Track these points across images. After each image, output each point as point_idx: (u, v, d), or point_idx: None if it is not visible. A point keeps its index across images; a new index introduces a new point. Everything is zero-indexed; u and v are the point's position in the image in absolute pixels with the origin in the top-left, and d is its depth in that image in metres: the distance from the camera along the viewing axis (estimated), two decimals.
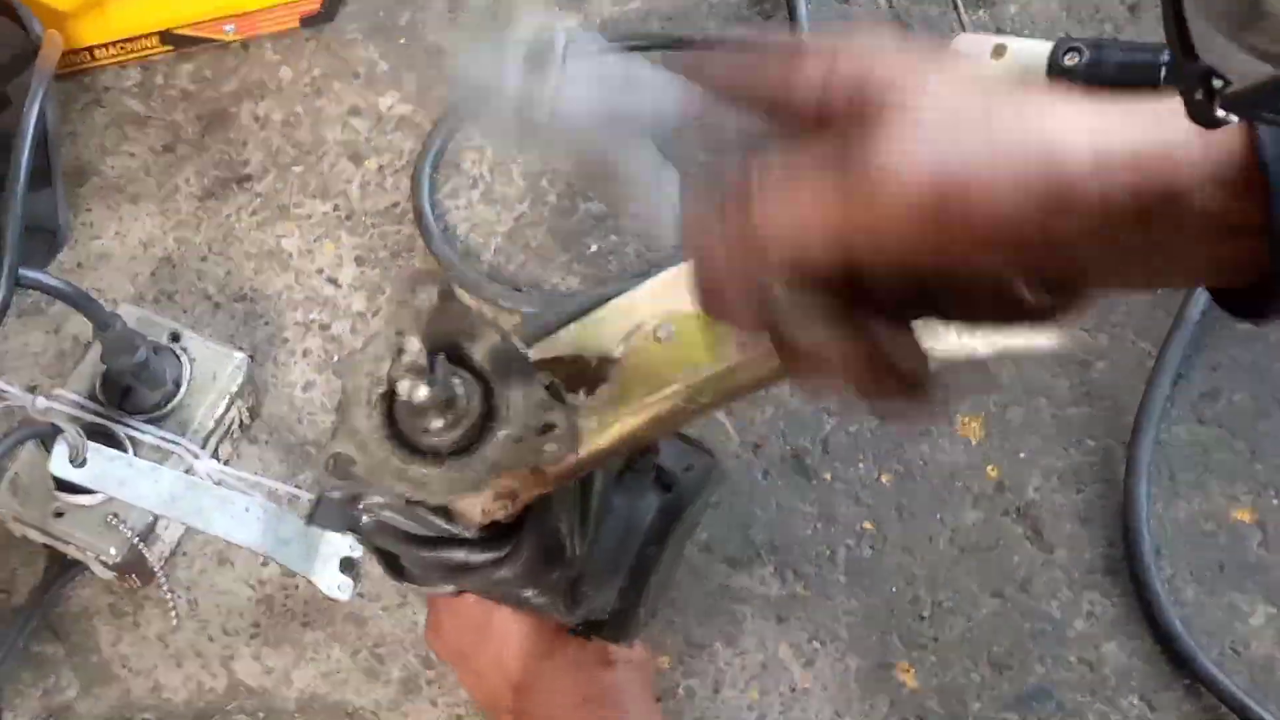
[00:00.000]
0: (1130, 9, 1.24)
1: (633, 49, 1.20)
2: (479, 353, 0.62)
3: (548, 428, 0.60)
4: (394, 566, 0.75)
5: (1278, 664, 1.04)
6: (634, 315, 0.66)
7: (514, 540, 0.68)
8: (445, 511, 0.65)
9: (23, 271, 0.96)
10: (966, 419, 1.11)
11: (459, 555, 0.69)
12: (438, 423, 0.60)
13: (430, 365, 0.59)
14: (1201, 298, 1.11)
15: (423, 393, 0.58)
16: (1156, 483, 1.08)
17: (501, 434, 0.60)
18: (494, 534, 0.67)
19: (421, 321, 0.61)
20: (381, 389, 0.62)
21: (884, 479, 1.10)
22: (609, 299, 0.67)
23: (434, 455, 0.61)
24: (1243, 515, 1.08)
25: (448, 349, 0.61)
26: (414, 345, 0.58)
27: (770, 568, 1.07)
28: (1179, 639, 1.03)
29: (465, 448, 0.61)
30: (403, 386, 0.58)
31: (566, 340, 0.67)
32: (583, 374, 0.66)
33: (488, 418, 0.61)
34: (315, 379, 1.12)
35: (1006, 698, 1.04)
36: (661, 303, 0.66)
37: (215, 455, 1.05)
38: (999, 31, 1.23)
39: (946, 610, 1.06)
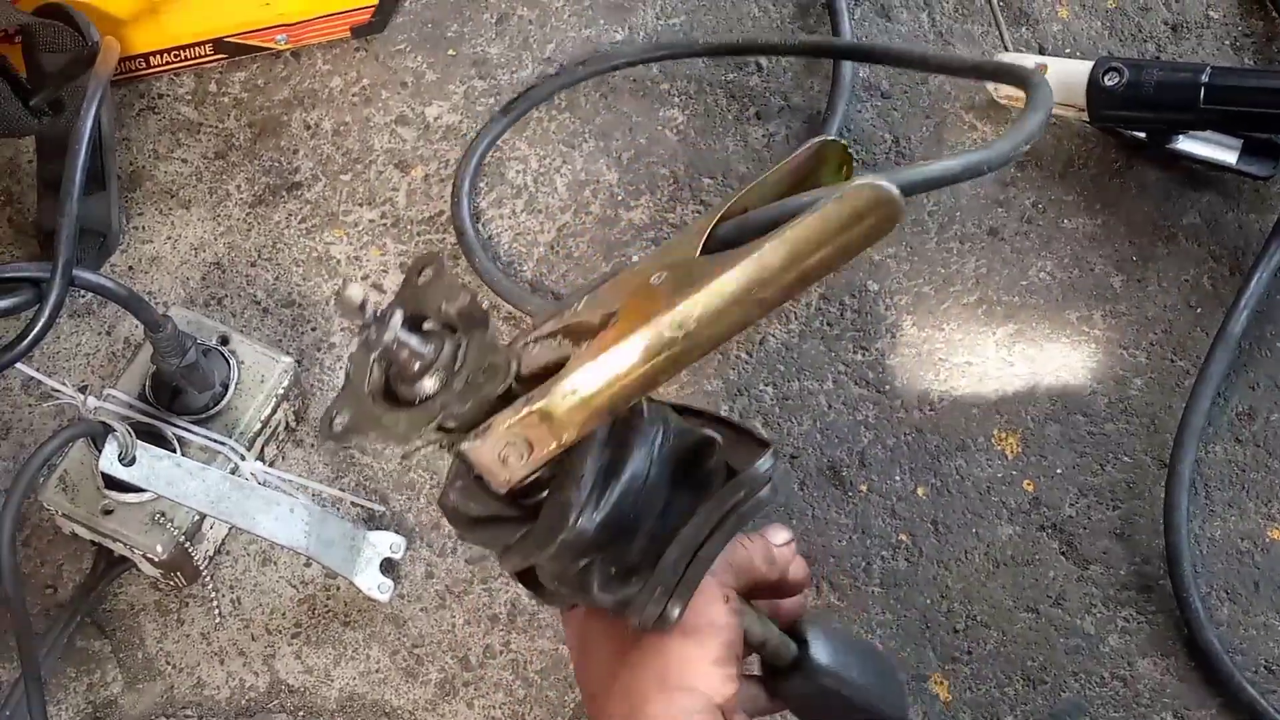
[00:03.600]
0: (1173, 29, 1.24)
1: (671, 56, 1.21)
2: (453, 310, 0.66)
3: (491, 367, 0.64)
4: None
5: None
6: (639, 275, 0.68)
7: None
8: (472, 475, 0.68)
9: (76, 272, 0.98)
10: (1003, 434, 1.12)
11: (504, 532, 0.70)
12: (417, 376, 0.65)
13: (418, 326, 0.65)
14: (1243, 315, 1.11)
15: (388, 336, 0.63)
16: (1193, 501, 1.08)
17: (456, 379, 0.64)
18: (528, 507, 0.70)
19: (419, 296, 0.66)
20: (377, 354, 0.66)
21: (920, 492, 1.10)
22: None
23: (409, 404, 0.66)
24: (1278, 534, 1.09)
25: (433, 314, 0.66)
26: (397, 316, 0.64)
27: None
28: (1217, 657, 1.04)
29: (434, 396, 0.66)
30: (371, 334, 0.64)
31: (581, 308, 0.70)
32: (592, 333, 0.67)
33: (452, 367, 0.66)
34: None
35: (1039, 712, 1.04)
36: (662, 259, 0.69)
37: (261, 457, 1.07)
38: (1041, 50, 1.23)
39: (980, 624, 1.07)
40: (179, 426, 1.02)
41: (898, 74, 1.22)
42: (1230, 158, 1.14)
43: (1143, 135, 1.17)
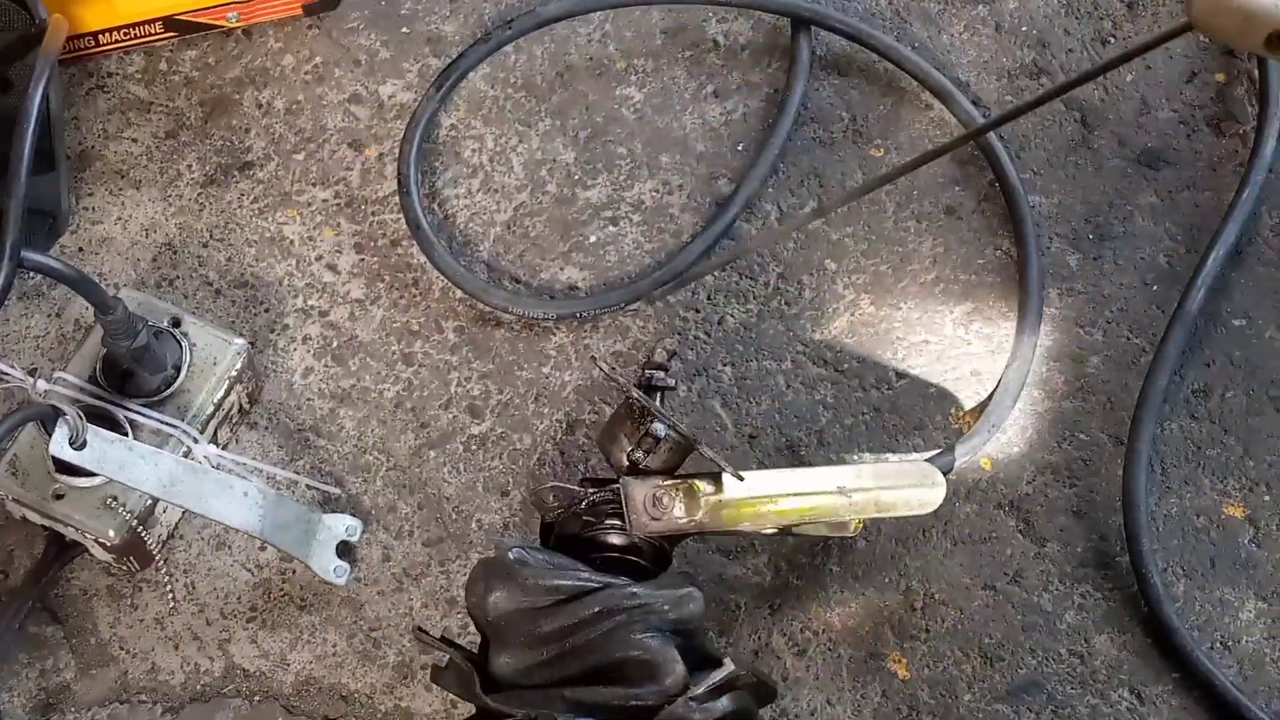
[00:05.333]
0: (1129, 6, 1.24)
1: None
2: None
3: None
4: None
5: (1267, 659, 1.05)
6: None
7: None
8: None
9: (25, 254, 0.96)
10: (961, 412, 1.12)
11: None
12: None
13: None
14: (1200, 293, 1.12)
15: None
16: (1149, 478, 1.09)
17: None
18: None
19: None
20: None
21: None
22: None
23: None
24: (1234, 511, 1.09)
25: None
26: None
27: (764, 558, 1.08)
28: (1174, 633, 1.04)
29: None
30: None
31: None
32: None
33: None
34: (314, 365, 1.13)
35: (997, 689, 1.05)
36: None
37: (214, 440, 1.06)
38: (998, 29, 1.23)
39: (938, 602, 1.07)
40: (130, 409, 1.01)
41: (855, 51, 1.22)
42: None
43: None
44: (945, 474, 1.00)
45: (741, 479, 0.94)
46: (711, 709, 0.87)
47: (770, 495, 0.96)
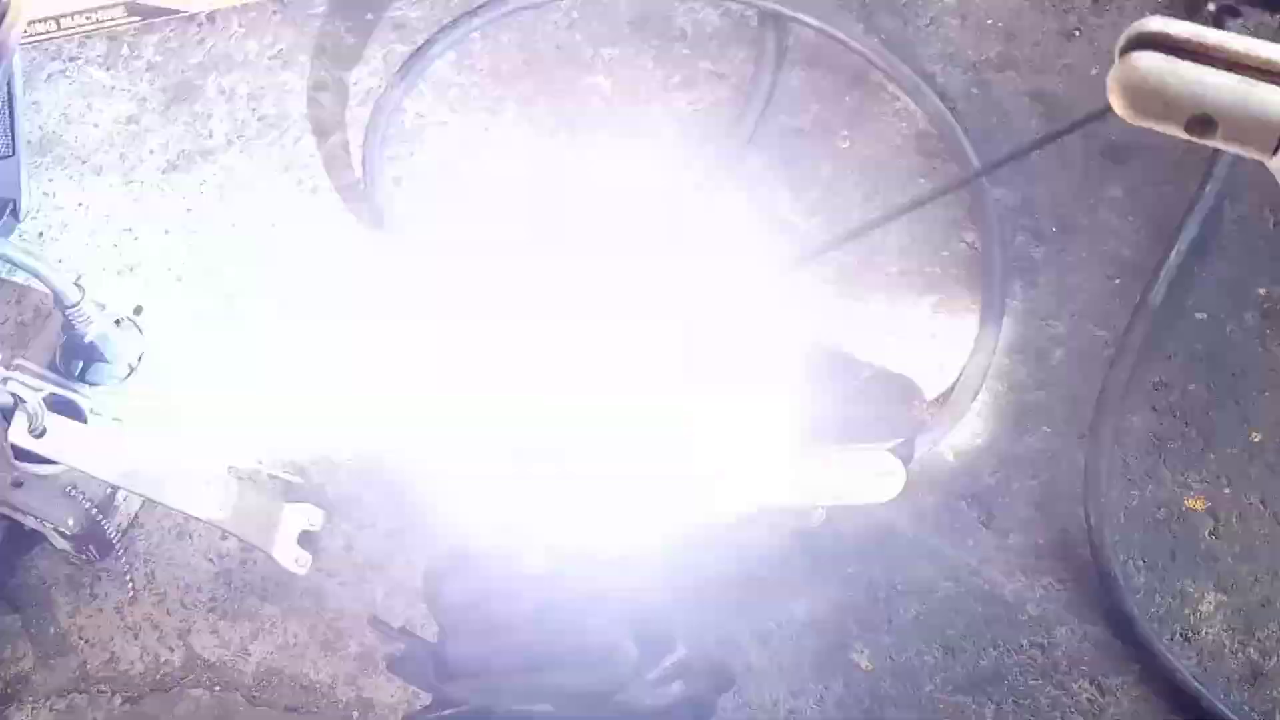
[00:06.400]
0: (1094, 1, 1.24)
1: None
2: None
3: None
4: None
5: (1226, 650, 1.06)
6: None
7: None
8: None
9: None
10: (924, 403, 1.12)
11: None
12: None
13: None
14: (1162, 287, 1.12)
15: None
16: (1111, 470, 1.09)
17: None
18: None
19: None
20: None
21: None
22: None
23: None
24: (1195, 504, 1.10)
25: None
26: None
27: (732, 549, 1.07)
28: (1135, 624, 1.05)
29: None
30: None
31: None
32: None
33: None
34: None
35: (959, 680, 1.05)
36: None
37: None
38: (964, 20, 1.23)
39: (901, 593, 1.07)
40: (90, 397, 1.00)
41: (823, 42, 1.22)
42: None
43: None
44: (905, 464, 1.00)
45: None
46: (665, 694, 0.87)
47: None
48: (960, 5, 1.24)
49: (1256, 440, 1.10)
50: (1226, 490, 1.10)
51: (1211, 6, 1.13)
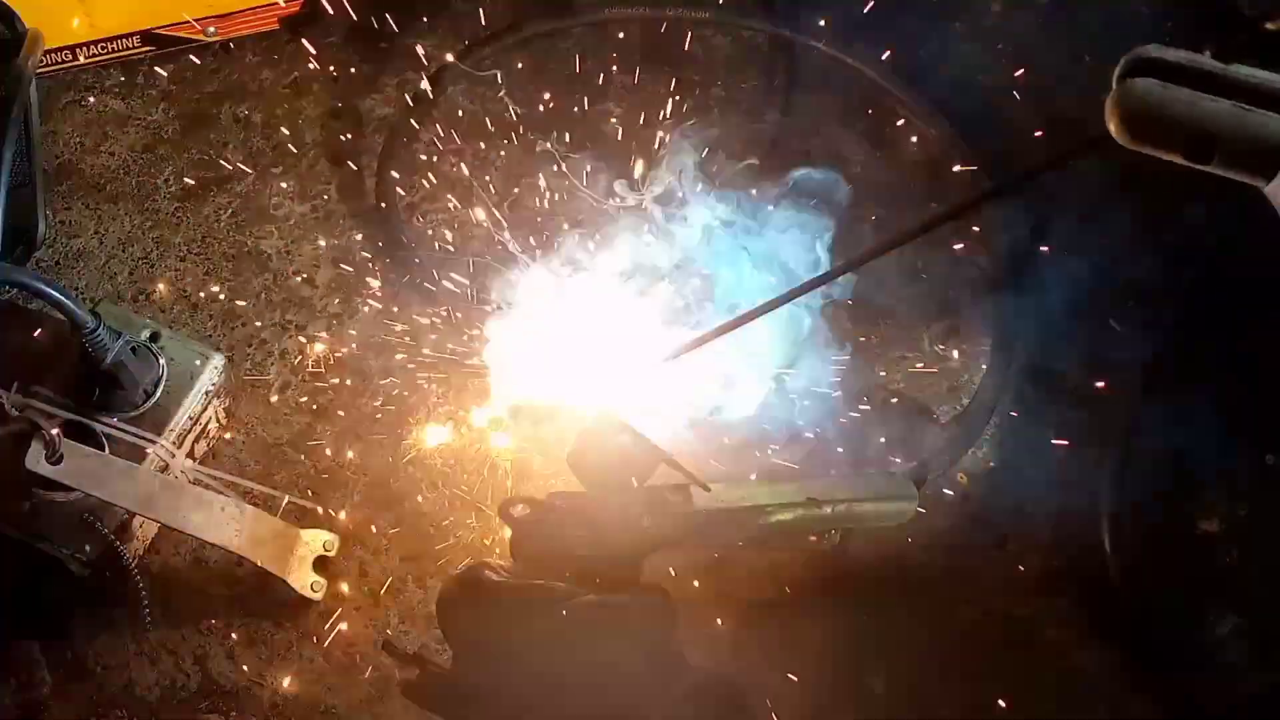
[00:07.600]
0: (1104, 25, 1.25)
1: None
2: None
3: None
4: None
5: (1245, 672, 1.05)
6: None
7: None
8: None
9: (1, 270, 0.96)
10: (938, 426, 1.12)
11: None
12: None
13: None
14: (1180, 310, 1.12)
15: None
16: (1128, 492, 1.09)
17: None
18: None
19: None
20: None
21: None
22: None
23: None
24: (1210, 527, 1.09)
25: None
26: None
27: (745, 570, 1.07)
28: (1153, 647, 1.04)
29: None
30: None
31: None
32: None
33: None
34: (292, 380, 1.12)
35: (973, 705, 1.04)
36: None
37: (191, 454, 1.05)
38: (976, 44, 1.24)
39: (916, 617, 1.07)
40: (107, 424, 1.00)
41: (834, 67, 1.22)
42: None
43: None
44: (919, 487, 1.00)
45: (708, 490, 0.94)
46: (683, 713, 0.87)
47: (739, 507, 0.95)
48: (971, 30, 1.25)
49: (1271, 464, 1.10)
50: (1242, 513, 1.10)
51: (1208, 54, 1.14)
